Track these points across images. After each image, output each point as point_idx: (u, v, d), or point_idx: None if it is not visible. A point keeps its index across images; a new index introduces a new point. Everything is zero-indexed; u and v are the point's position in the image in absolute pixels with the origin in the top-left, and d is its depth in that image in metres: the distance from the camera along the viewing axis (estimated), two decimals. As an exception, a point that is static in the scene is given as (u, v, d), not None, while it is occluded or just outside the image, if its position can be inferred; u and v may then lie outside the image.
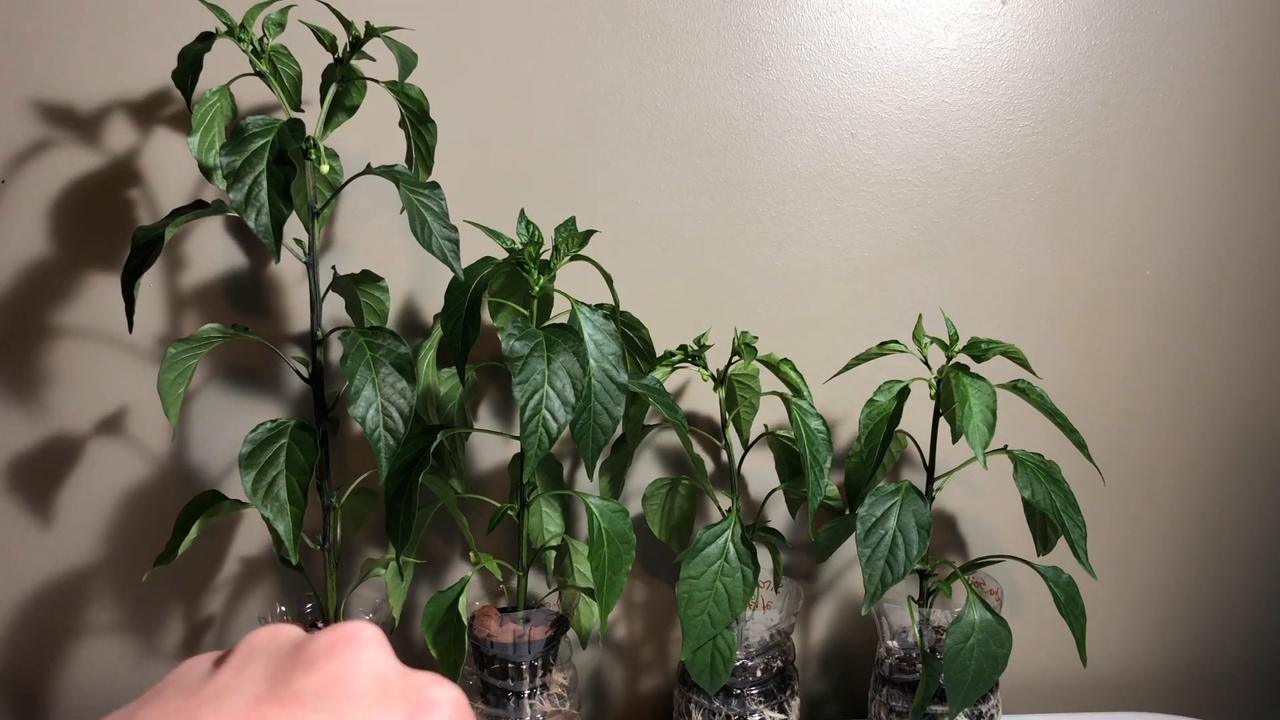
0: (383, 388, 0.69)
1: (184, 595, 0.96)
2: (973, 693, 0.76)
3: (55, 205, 0.89)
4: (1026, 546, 0.91)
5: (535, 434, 0.66)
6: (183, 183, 0.89)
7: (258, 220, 0.65)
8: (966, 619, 0.76)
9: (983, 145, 0.95)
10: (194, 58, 0.72)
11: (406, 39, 0.76)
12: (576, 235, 0.75)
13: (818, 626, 1.03)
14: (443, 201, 0.70)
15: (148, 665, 0.97)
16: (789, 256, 0.95)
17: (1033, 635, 1.02)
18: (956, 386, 0.76)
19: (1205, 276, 0.99)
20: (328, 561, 0.81)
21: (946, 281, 0.97)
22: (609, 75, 0.91)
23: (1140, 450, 1.02)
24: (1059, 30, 0.94)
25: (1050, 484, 0.78)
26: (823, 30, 0.92)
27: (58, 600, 0.95)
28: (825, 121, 0.93)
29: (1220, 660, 1.08)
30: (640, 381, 0.76)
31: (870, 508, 0.77)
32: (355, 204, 0.91)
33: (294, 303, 0.92)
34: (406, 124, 0.79)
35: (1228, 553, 1.06)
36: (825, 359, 0.94)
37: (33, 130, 0.88)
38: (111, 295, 0.91)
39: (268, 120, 0.67)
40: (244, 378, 0.93)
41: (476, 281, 0.71)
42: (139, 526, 0.94)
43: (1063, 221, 0.97)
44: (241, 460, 0.71)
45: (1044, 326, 0.98)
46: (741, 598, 0.77)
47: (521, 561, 0.82)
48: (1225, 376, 1.02)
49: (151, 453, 0.93)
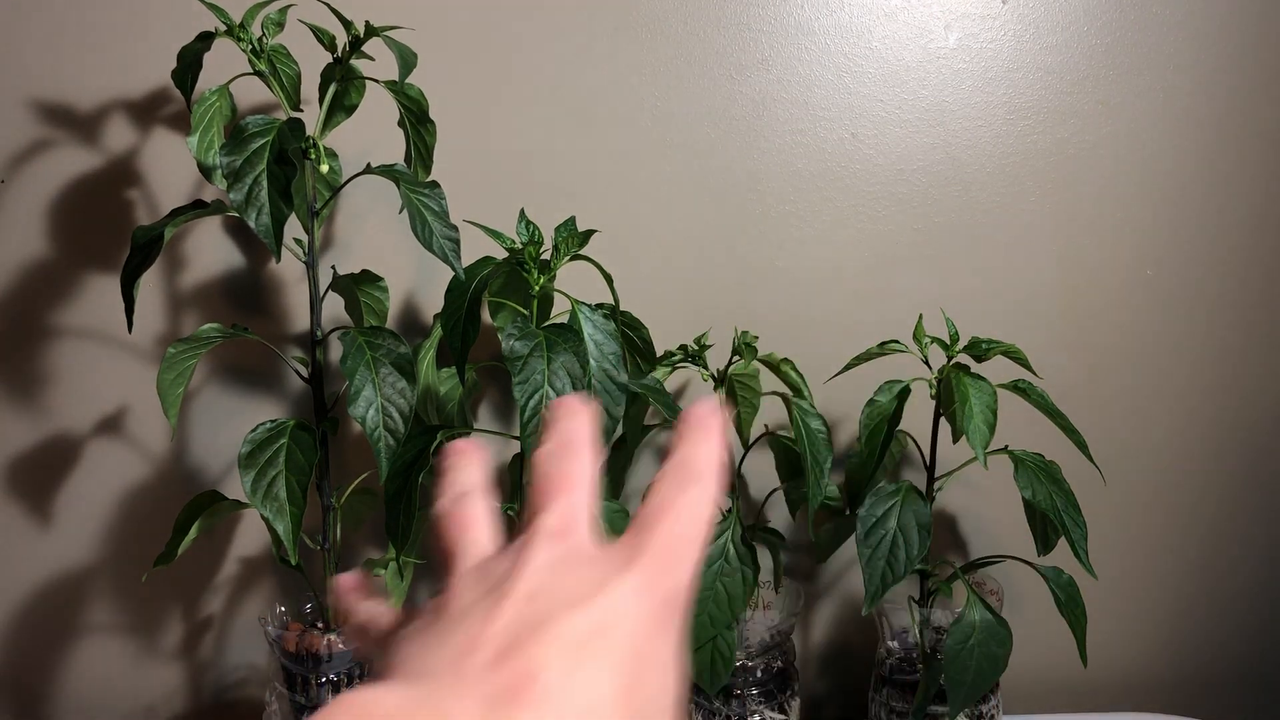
0: (383, 388, 0.69)
1: (184, 595, 0.96)
2: (973, 693, 0.76)
3: (55, 205, 0.89)
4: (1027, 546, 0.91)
5: (535, 434, 0.66)
6: (182, 183, 0.89)
7: (258, 220, 0.65)
8: (967, 619, 0.76)
9: (983, 145, 0.95)
10: (193, 57, 0.72)
11: (406, 39, 0.76)
12: (576, 235, 0.75)
13: (818, 627, 1.03)
14: (443, 201, 0.70)
15: (148, 665, 0.97)
16: (789, 256, 0.95)
17: (1033, 635, 1.02)
18: (957, 386, 0.76)
19: (1205, 276, 0.99)
20: (327, 561, 0.81)
21: (947, 281, 0.97)
22: (609, 75, 0.91)
23: (1141, 450, 1.02)
24: (1060, 30, 0.94)
25: (1051, 484, 0.78)
26: (823, 30, 0.92)
27: (58, 600, 0.95)
28: (825, 121, 0.93)
29: (1220, 661, 1.08)
30: (640, 381, 0.76)
31: (870, 508, 0.77)
32: (355, 204, 0.91)
33: (294, 303, 0.92)
34: (406, 124, 0.79)
35: (1228, 553, 1.05)
36: (825, 359, 0.94)
37: (33, 130, 0.88)
38: (111, 295, 0.90)
39: (267, 120, 0.67)
40: (244, 378, 0.93)
41: (476, 281, 0.71)
42: (139, 526, 0.94)
43: (1063, 221, 0.97)
44: (241, 460, 0.71)
45: (1044, 326, 0.98)
46: (741, 598, 0.77)
47: (521, 562, 0.81)
48: (1226, 376, 1.02)
49: (151, 453, 0.93)
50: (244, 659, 0.98)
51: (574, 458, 0.35)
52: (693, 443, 0.34)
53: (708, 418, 0.35)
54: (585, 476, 0.34)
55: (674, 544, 0.31)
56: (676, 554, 0.31)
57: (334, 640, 0.80)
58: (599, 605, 0.28)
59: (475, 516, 0.35)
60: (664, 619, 0.30)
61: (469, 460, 0.37)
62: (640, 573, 0.30)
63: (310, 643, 0.80)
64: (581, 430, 0.36)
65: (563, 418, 0.36)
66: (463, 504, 0.35)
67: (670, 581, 0.31)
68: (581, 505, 0.33)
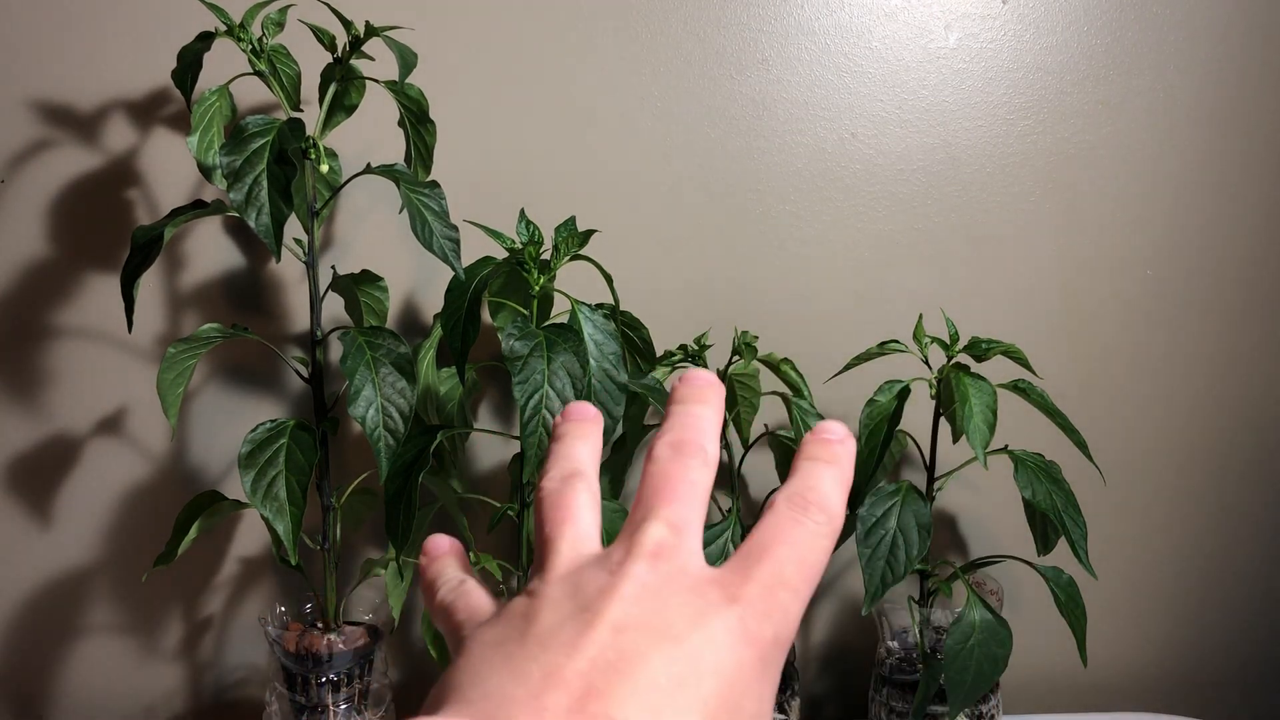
0: (383, 388, 0.69)
1: (184, 595, 0.96)
2: (973, 693, 0.76)
3: (55, 205, 0.89)
4: (1027, 546, 0.91)
5: (535, 434, 0.66)
6: (182, 183, 0.89)
7: (258, 220, 0.65)
8: (967, 619, 0.76)
9: (983, 145, 0.95)
10: (193, 57, 0.72)
11: (406, 39, 0.76)
12: (576, 235, 0.75)
13: (818, 627, 1.03)
14: (443, 201, 0.70)
15: (148, 665, 0.97)
16: (789, 256, 0.95)
17: (1033, 635, 1.02)
18: (957, 386, 0.76)
19: (1205, 276, 0.99)
20: (327, 561, 0.81)
21: (947, 281, 0.97)
22: (610, 75, 0.91)
23: (1141, 450, 1.02)
24: (1060, 30, 0.94)
25: (1051, 484, 0.78)
26: (823, 30, 0.92)
27: (58, 600, 0.95)
28: (825, 121, 0.93)
29: (1220, 660, 1.08)
30: (640, 381, 0.76)
31: (870, 508, 0.77)
32: (355, 204, 0.91)
33: (294, 303, 0.92)
34: (406, 124, 0.79)
35: (1228, 553, 1.06)
36: (825, 359, 0.94)
37: (33, 130, 0.88)
38: (111, 295, 0.91)
39: (267, 120, 0.67)
40: (244, 378, 0.93)
41: (476, 281, 0.71)
42: (139, 526, 0.94)
43: (1063, 221, 0.97)
44: (241, 460, 0.71)
45: (1044, 326, 0.98)
46: (741, 598, 0.77)
47: (521, 562, 0.81)
48: (1226, 376, 1.02)
49: (151, 453, 0.93)
50: (244, 659, 0.98)
51: (696, 458, 0.32)
52: (816, 469, 0.31)
53: (838, 436, 0.32)
54: (704, 484, 0.31)
55: (780, 585, 0.28)
56: (781, 599, 0.28)
57: (334, 640, 0.80)
58: (692, 646, 0.26)
59: (580, 503, 0.31)
60: (760, 670, 0.27)
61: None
62: (741, 613, 0.27)
63: (310, 643, 0.80)
64: (711, 424, 0.32)
65: (694, 400, 0.33)
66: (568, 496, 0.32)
67: (771, 630, 0.28)
68: (694, 518, 0.30)
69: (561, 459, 0.33)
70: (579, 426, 0.34)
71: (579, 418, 0.34)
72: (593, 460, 0.33)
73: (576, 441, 0.33)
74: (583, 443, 0.33)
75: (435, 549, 0.35)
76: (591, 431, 0.34)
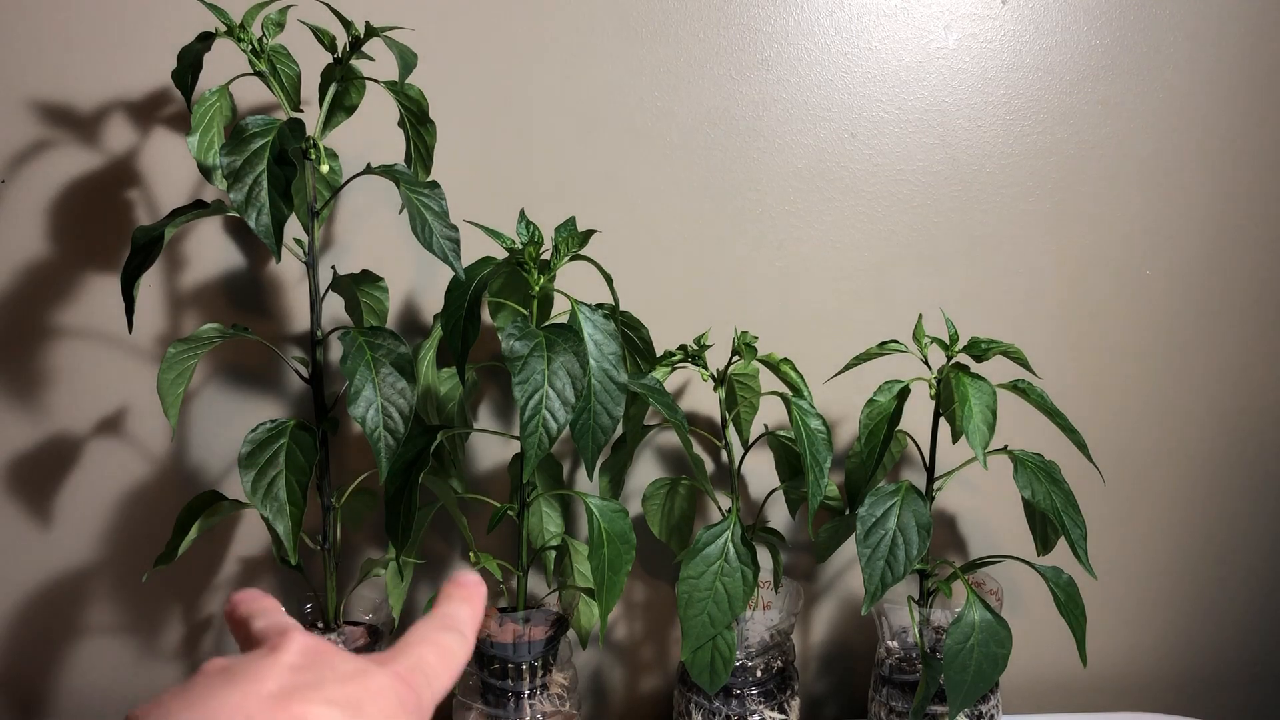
0: (383, 388, 0.69)
1: (184, 595, 0.96)
2: (973, 693, 0.76)
3: (55, 205, 0.89)
4: (1026, 546, 0.91)
5: (535, 434, 0.66)
6: (182, 183, 0.89)
7: (258, 220, 0.65)
8: (966, 619, 0.76)
9: (983, 145, 0.95)
10: (193, 58, 0.72)
11: (406, 39, 0.76)
12: (576, 235, 0.75)
13: (818, 626, 1.03)
14: (443, 201, 0.70)
15: (148, 665, 0.97)
16: (789, 256, 0.95)
17: (1033, 635, 1.02)
18: (956, 386, 0.76)
19: (1205, 276, 0.99)
20: (327, 561, 0.81)
21: (947, 281, 0.97)
22: (609, 75, 0.91)
23: (1141, 450, 1.02)
24: (1059, 30, 0.94)
25: (1050, 484, 0.78)
26: (823, 30, 0.92)
27: (58, 600, 0.95)
28: (825, 121, 0.93)
29: (1220, 660, 1.08)
30: (640, 381, 0.76)
31: (870, 508, 0.77)
32: (355, 204, 0.91)
33: (294, 303, 0.92)
34: (406, 124, 0.79)
35: (1227, 553, 1.06)
36: (825, 359, 0.94)
37: (33, 130, 0.88)
38: (111, 295, 0.91)
39: (267, 120, 0.67)
40: (244, 378, 0.93)
41: (476, 281, 0.71)
42: (139, 526, 0.94)
43: (1063, 221, 0.97)
44: (241, 460, 0.71)
45: (1044, 326, 0.98)
46: (741, 598, 0.77)
47: (521, 561, 0.82)
48: (1225, 376, 1.02)
49: (151, 453, 0.93)
50: (244, 659, 0.97)
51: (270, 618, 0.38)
52: (457, 603, 0.40)
53: (474, 587, 0.41)
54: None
55: (426, 666, 0.35)
56: (427, 674, 0.35)
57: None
58: (359, 682, 0.32)
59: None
60: (412, 714, 0.33)
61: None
62: (395, 670, 0.34)
63: (310, 643, 0.80)
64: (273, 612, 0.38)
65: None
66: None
67: (420, 690, 0.34)
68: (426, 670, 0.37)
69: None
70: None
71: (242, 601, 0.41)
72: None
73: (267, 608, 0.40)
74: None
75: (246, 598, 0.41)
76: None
